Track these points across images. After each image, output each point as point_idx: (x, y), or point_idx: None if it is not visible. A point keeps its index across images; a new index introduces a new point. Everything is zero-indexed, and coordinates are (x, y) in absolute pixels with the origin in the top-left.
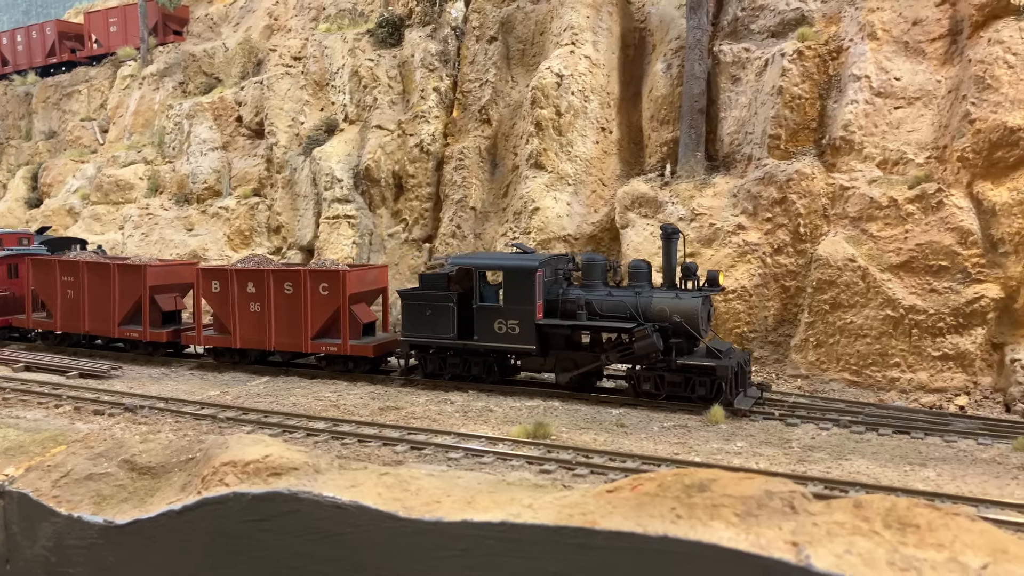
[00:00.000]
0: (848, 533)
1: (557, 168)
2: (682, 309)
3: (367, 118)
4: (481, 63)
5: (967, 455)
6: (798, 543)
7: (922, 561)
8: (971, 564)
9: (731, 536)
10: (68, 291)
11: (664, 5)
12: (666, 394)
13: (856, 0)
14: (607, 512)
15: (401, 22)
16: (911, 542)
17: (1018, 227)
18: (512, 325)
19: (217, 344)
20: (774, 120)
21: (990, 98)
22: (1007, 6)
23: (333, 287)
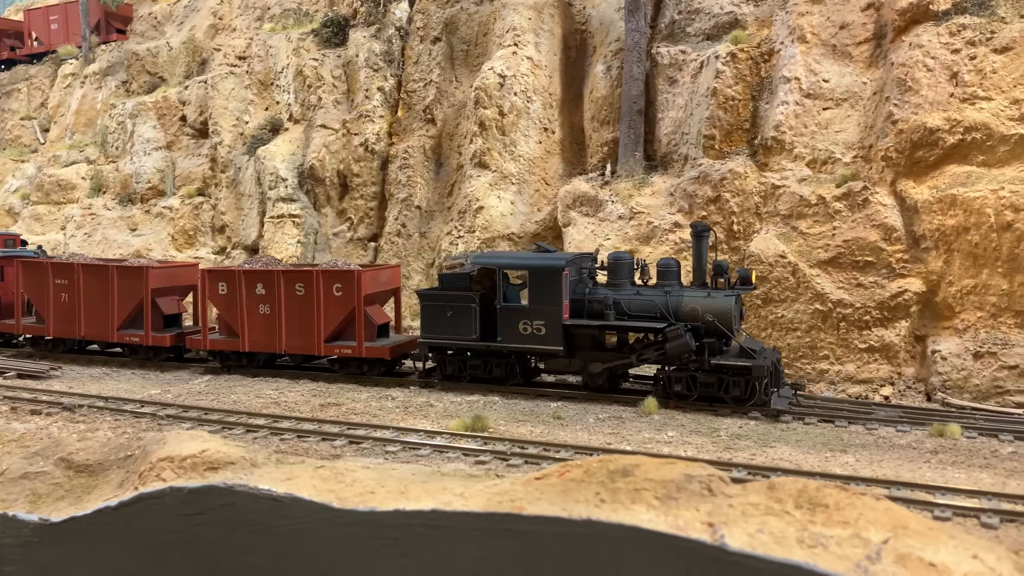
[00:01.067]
0: (762, 514)
1: (501, 167)
2: (715, 308)
3: (312, 117)
4: (425, 63)
5: (886, 441)
6: (714, 524)
7: (829, 538)
8: (873, 539)
9: (651, 518)
10: (62, 295)
11: (604, 8)
12: (698, 395)
13: (787, 4)
14: (535, 498)
15: (346, 22)
16: (819, 520)
17: (938, 224)
18: (538, 326)
19: (224, 348)
20: (709, 121)
21: (911, 100)
22: (927, 11)
23: (347, 288)
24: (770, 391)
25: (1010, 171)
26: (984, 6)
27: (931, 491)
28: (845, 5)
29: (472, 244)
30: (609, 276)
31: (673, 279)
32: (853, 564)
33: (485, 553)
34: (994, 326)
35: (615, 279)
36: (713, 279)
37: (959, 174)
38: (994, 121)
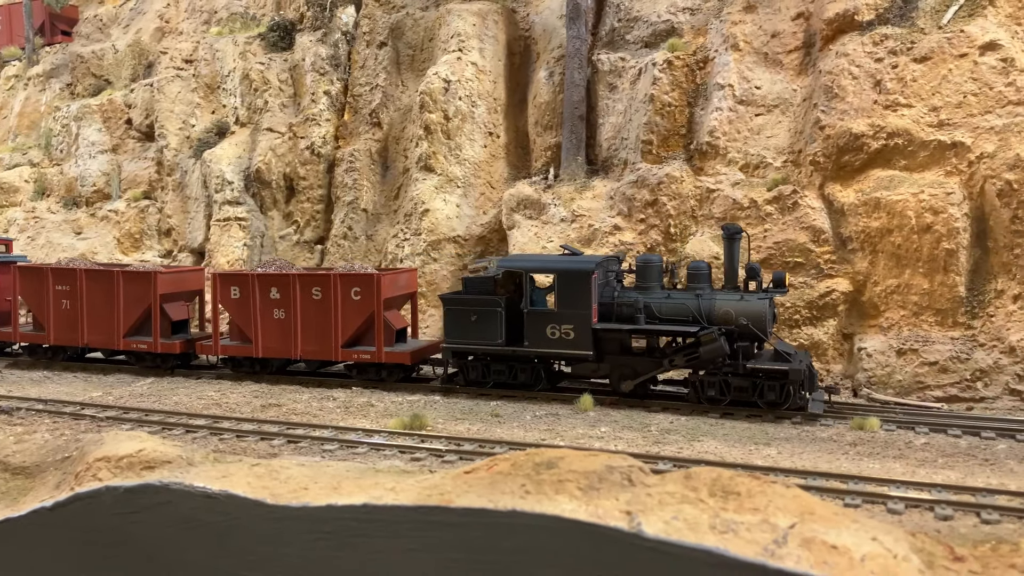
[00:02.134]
0: (677, 502)
1: (446, 171)
2: (749, 311)
3: (258, 121)
4: (371, 67)
5: (808, 435)
6: (631, 512)
7: (739, 524)
8: (781, 524)
9: (573, 508)
10: (63, 301)
11: (547, 15)
12: (731, 399)
13: (721, 13)
14: (463, 491)
15: (292, 26)
16: (731, 507)
17: (863, 226)
18: (566, 330)
19: (237, 353)
20: (646, 126)
21: (837, 106)
22: (852, 22)
23: (366, 291)
24: (806, 395)
25: (929, 175)
26: (905, 17)
27: (844, 480)
28: (776, 15)
29: (418, 247)
30: (638, 279)
31: (704, 282)
32: (761, 548)
33: (415, 545)
34: (916, 324)
35: (644, 282)
36: (745, 282)
37: (883, 178)
38: (915, 127)
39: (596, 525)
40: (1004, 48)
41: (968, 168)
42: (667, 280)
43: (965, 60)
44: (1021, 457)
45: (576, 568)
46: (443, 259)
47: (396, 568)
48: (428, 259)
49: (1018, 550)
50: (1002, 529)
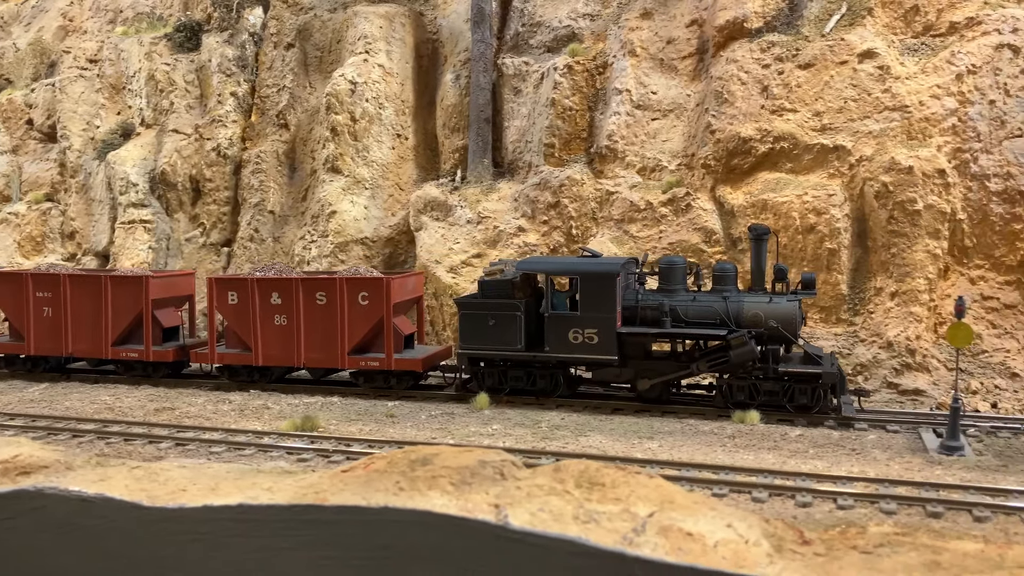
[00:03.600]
0: (545, 494)
1: (354, 172)
2: (778, 314)
3: (164, 122)
4: (279, 69)
5: (691, 429)
6: (500, 505)
7: (601, 513)
8: (640, 513)
9: (444, 503)
10: (44, 309)
11: (454, 18)
12: (760, 403)
13: (619, 19)
14: (339, 489)
15: (199, 27)
16: (595, 498)
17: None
18: (590, 334)
19: (235, 362)
20: (549, 130)
21: (727, 111)
22: (742, 29)
23: (375, 296)
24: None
25: (813, 178)
26: (791, 25)
27: (716, 471)
28: (672, 21)
29: (325, 249)
30: (661, 281)
31: (730, 284)
32: (621, 536)
33: (290, 543)
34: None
35: (668, 284)
36: (772, 284)
37: (770, 180)
38: (799, 131)
39: (465, 519)
40: (881, 56)
41: (849, 171)
42: (691, 282)
43: (845, 67)
44: (886, 446)
45: (446, 561)
46: (351, 261)
47: (271, 567)
48: (336, 261)
49: (864, 533)
50: (854, 514)
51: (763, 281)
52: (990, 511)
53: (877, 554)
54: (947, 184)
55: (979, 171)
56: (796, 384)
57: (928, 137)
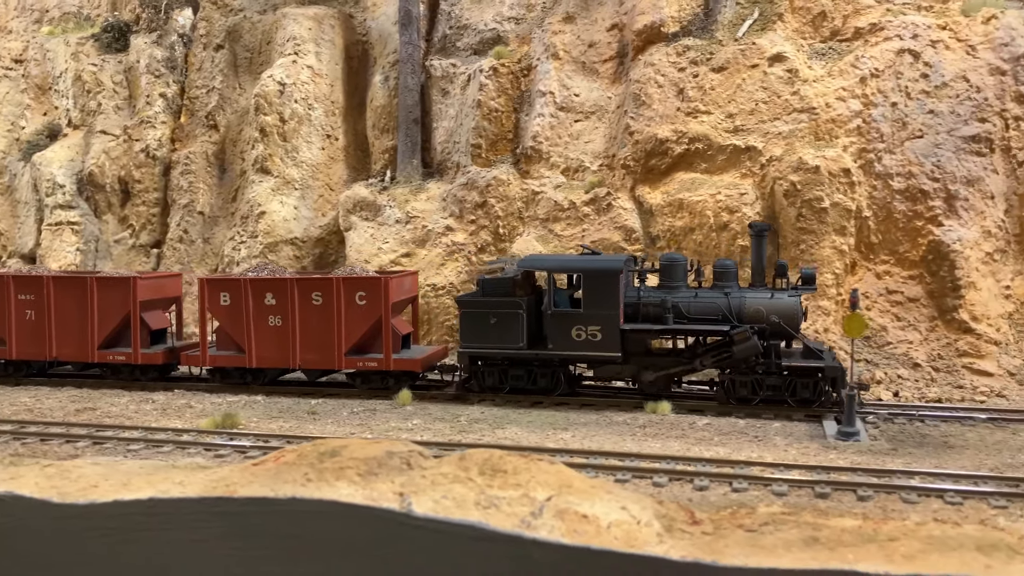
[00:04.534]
0: (449, 482)
1: (283, 173)
2: (780, 309)
3: (91, 123)
4: (208, 70)
5: (606, 420)
6: (404, 493)
7: (501, 499)
8: (539, 498)
9: (350, 492)
10: (27, 312)
11: (383, 20)
12: (761, 399)
13: (543, 23)
14: (248, 482)
15: (127, 28)
16: (496, 484)
17: (669, 225)
18: (593, 331)
19: (228, 364)
20: (475, 131)
21: (645, 113)
22: (659, 33)
23: (372, 296)
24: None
25: (727, 177)
26: (706, 29)
27: (622, 458)
28: (593, 25)
29: (255, 250)
30: (662, 278)
31: (731, 280)
32: (519, 520)
33: (199, 535)
34: None
35: (669, 281)
36: (773, 279)
37: (686, 180)
38: (713, 133)
39: (370, 507)
40: (790, 60)
41: (760, 170)
42: (692, 279)
43: (756, 70)
44: (788, 434)
45: (353, 548)
46: (280, 261)
47: (180, 559)
48: (265, 261)
49: (753, 513)
50: (747, 496)
51: (763, 277)
52: (873, 491)
53: (761, 532)
54: (852, 183)
55: (883, 170)
56: (798, 379)
57: (834, 138)
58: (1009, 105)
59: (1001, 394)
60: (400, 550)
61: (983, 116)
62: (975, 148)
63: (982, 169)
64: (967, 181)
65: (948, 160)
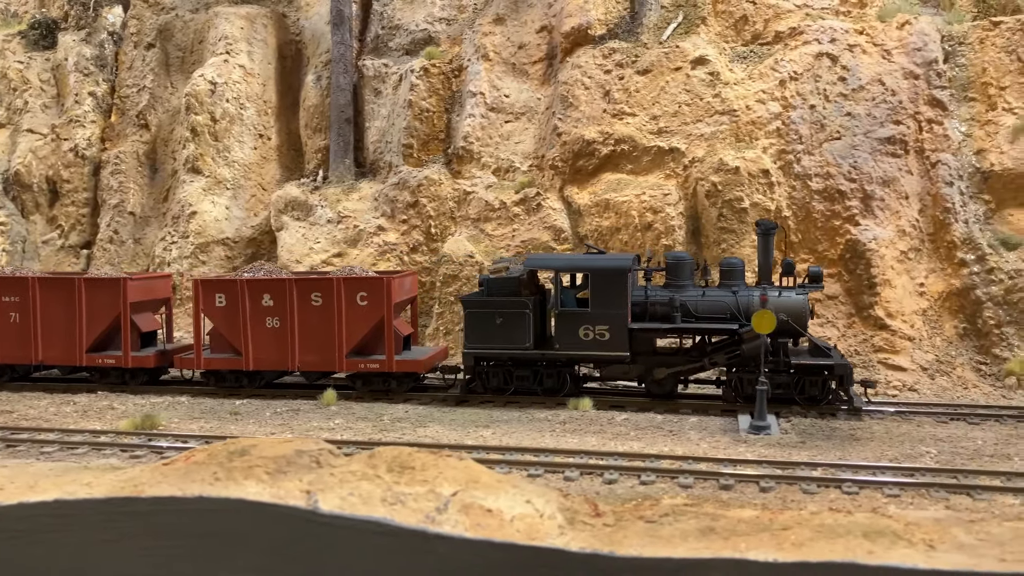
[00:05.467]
0: (357, 479)
1: (215, 173)
2: (788, 307)
3: (18, 122)
4: (139, 69)
5: (528, 417)
6: (311, 491)
7: (408, 495)
8: (445, 493)
9: (258, 490)
10: (11, 314)
11: (316, 20)
12: (771, 396)
13: (474, 24)
14: (157, 481)
15: (56, 25)
16: (404, 481)
17: (596, 225)
18: (601, 331)
19: (224, 367)
20: (407, 131)
21: (572, 115)
22: (586, 36)
23: (374, 296)
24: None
25: (651, 178)
26: (632, 32)
27: (537, 453)
28: (523, 27)
29: (186, 250)
30: (669, 277)
31: (738, 279)
32: (424, 515)
33: (106, 536)
34: None
35: (677, 280)
36: (780, 277)
37: (612, 181)
38: (638, 134)
39: (277, 505)
40: (712, 63)
41: (683, 171)
42: (698, 277)
43: (680, 73)
44: (703, 428)
45: (260, 546)
46: (212, 262)
47: (91, 560)
48: (196, 262)
49: (656, 504)
50: (654, 488)
51: (771, 275)
52: (775, 482)
53: (660, 523)
54: (772, 183)
55: (802, 171)
56: (806, 376)
57: (754, 139)
58: (922, 108)
59: (913, 388)
60: (306, 547)
61: (898, 118)
62: (890, 149)
63: (897, 170)
64: (883, 182)
65: (864, 161)
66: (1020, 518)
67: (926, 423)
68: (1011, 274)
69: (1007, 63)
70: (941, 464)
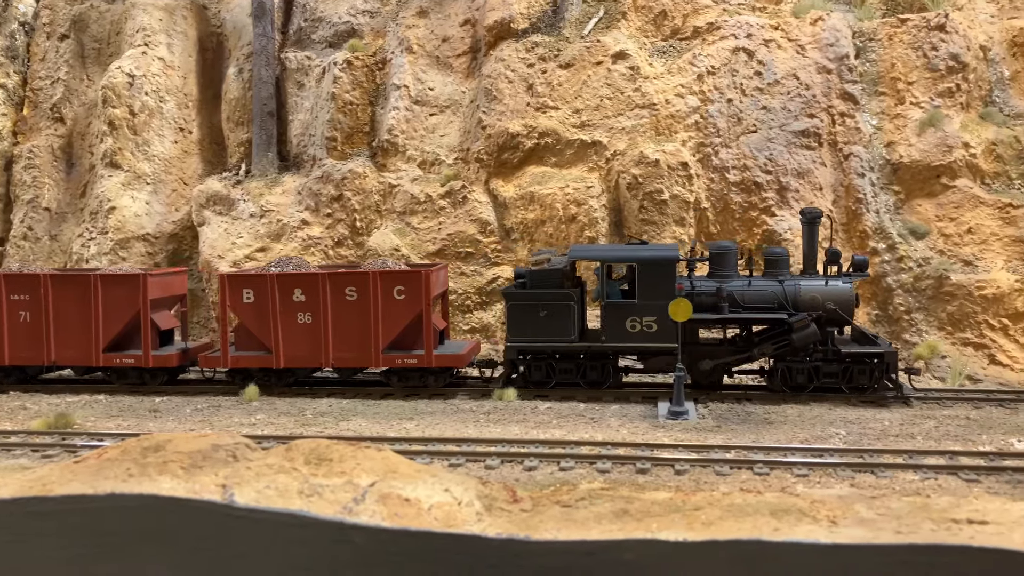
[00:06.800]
0: (274, 472)
1: (134, 167)
2: (836, 296)
3: None
4: (53, 60)
5: (453, 408)
6: (227, 485)
7: (325, 487)
8: (362, 484)
9: (172, 486)
10: (21, 313)
11: (237, 12)
12: (817, 386)
13: (397, 17)
14: (67, 480)
15: None
16: (321, 473)
17: (522, 217)
18: (648, 322)
19: (253, 365)
20: (330, 124)
21: (496, 108)
22: (509, 29)
23: (412, 290)
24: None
25: (575, 171)
26: (554, 27)
27: (460, 443)
28: (447, 20)
29: (105, 246)
30: (713, 267)
31: (783, 267)
32: (341, 506)
33: (14, 536)
34: None
35: (721, 269)
36: (824, 266)
37: (536, 174)
38: (561, 128)
39: (191, 500)
40: (632, 57)
41: (605, 164)
42: (742, 267)
43: (601, 67)
44: (623, 415)
45: (175, 541)
46: (132, 258)
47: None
48: (116, 258)
49: (574, 489)
50: (573, 474)
51: (815, 264)
52: (690, 465)
53: (576, 507)
54: (691, 176)
55: (720, 164)
56: (855, 365)
57: (674, 133)
58: (835, 102)
59: None
60: (222, 541)
61: (812, 112)
62: (805, 142)
63: (811, 162)
64: (797, 173)
65: (780, 154)
66: (918, 493)
67: (839, 406)
68: (919, 262)
69: (914, 59)
70: (849, 444)
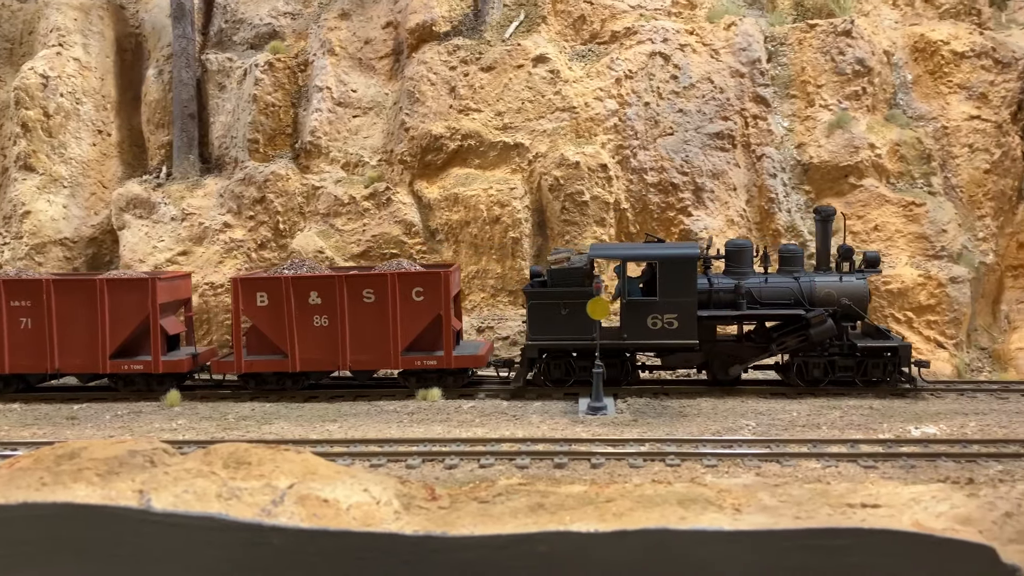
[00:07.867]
0: (192, 476)
1: (50, 170)
2: (850, 292)
3: None
4: None
5: (377, 410)
6: (144, 490)
7: (244, 490)
8: (281, 486)
9: (87, 493)
10: (22, 319)
11: (156, 12)
12: (833, 380)
13: (319, 19)
14: None
15: None
16: (240, 476)
17: (446, 219)
18: (669, 319)
19: (268, 369)
20: (252, 125)
21: (419, 110)
22: (431, 32)
23: (431, 291)
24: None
25: (498, 172)
26: (476, 30)
27: (381, 444)
28: (369, 23)
29: (20, 251)
30: (730, 264)
31: (798, 264)
32: (260, 509)
33: None
34: (493, 304)
35: (737, 267)
36: (838, 263)
37: (460, 175)
38: (484, 130)
39: (107, 506)
40: (552, 61)
41: (528, 166)
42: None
43: (522, 70)
44: (544, 412)
45: (91, 549)
46: (49, 263)
47: None
48: (32, 263)
49: (493, 485)
50: (492, 471)
51: (828, 261)
52: (605, 458)
53: (493, 502)
54: (610, 177)
55: (638, 165)
56: (869, 359)
57: (593, 135)
58: (748, 104)
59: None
60: (139, 546)
61: (726, 115)
62: (719, 144)
63: (726, 163)
64: (713, 174)
65: (696, 155)
66: (819, 480)
67: (751, 399)
68: None
69: (823, 63)
70: (757, 435)
